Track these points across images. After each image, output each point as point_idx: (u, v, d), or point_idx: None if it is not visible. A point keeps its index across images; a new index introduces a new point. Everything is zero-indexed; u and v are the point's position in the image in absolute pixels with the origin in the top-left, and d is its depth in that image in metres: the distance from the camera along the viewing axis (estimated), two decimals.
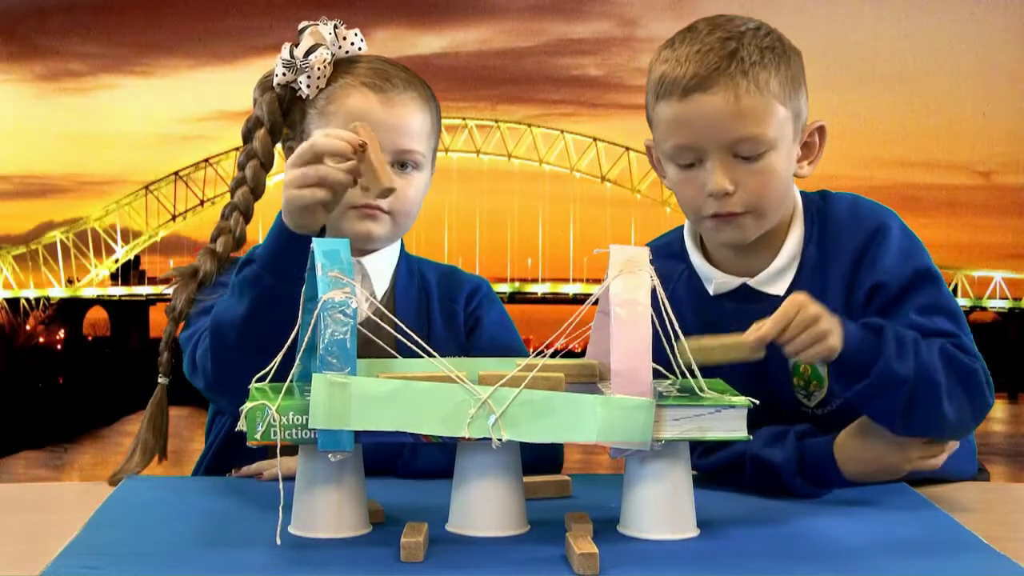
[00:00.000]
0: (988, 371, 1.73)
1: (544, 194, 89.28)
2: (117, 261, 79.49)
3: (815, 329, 1.59)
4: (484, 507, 1.48)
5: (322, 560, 1.38)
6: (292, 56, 1.89)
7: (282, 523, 1.41)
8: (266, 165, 1.95)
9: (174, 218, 79.99)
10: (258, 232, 1.82)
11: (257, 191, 1.96)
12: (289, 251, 1.67)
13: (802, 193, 1.86)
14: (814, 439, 1.74)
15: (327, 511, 1.46)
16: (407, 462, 1.82)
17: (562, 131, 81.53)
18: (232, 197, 1.97)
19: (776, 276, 1.81)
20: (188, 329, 1.89)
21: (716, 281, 1.84)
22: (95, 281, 79.00)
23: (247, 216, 1.95)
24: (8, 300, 70.63)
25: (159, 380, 1.93)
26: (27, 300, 72.56)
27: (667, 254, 1.87)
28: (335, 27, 1.90)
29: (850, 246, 1.79)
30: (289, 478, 1.46)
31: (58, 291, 76.21)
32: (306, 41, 1.89)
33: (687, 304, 1.83)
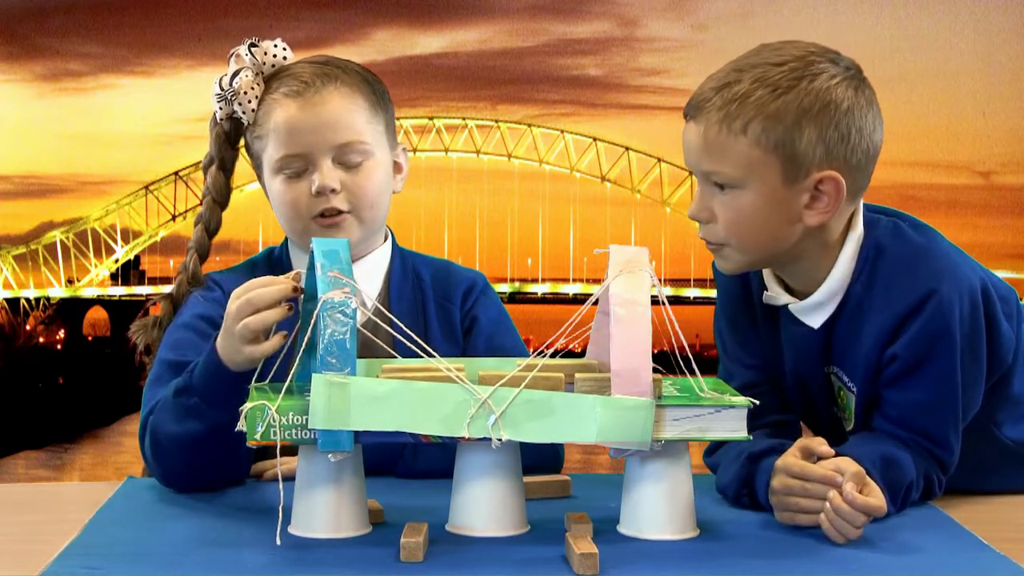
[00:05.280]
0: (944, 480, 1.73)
1: (544, 194, 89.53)
2: (117, 261, 79.58)
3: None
4: (484, 507, 1.48)
5: (322, 560, 1.38)
6: (222, 88, 1.88)
7: (282, 523, 1.41)
8: (220, 203, 1.94)
9: (174, 218, 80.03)
10: (235, 228, 1.78)
11: (211, 229, 1.94)
12: (232, 386, 1.62)
13: (870, 224, 1.75)
14: (770, 459, 1.64)
15: (327, 511, 1.46)
16: (407, 462, 1.81)
17: (562, 131, 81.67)
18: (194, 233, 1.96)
19: (814, 308, 1.75)
20: (145, 396, 1.81)
21: (766, 292, 1.80)
22: (95, 281, 79.08)
23: (202, 255, 1.93)
24: (8, 300, 70.62)
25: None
26: (27, 300, 72.58)
27: None
28: (251, 45, 1.88)
29: (899, 304, 1.69)
30: (289, 478, 1.46)
31: (58, 291, 76.24)
32: (231, 68, 1.88)
33: (756, 302, 1.81)
